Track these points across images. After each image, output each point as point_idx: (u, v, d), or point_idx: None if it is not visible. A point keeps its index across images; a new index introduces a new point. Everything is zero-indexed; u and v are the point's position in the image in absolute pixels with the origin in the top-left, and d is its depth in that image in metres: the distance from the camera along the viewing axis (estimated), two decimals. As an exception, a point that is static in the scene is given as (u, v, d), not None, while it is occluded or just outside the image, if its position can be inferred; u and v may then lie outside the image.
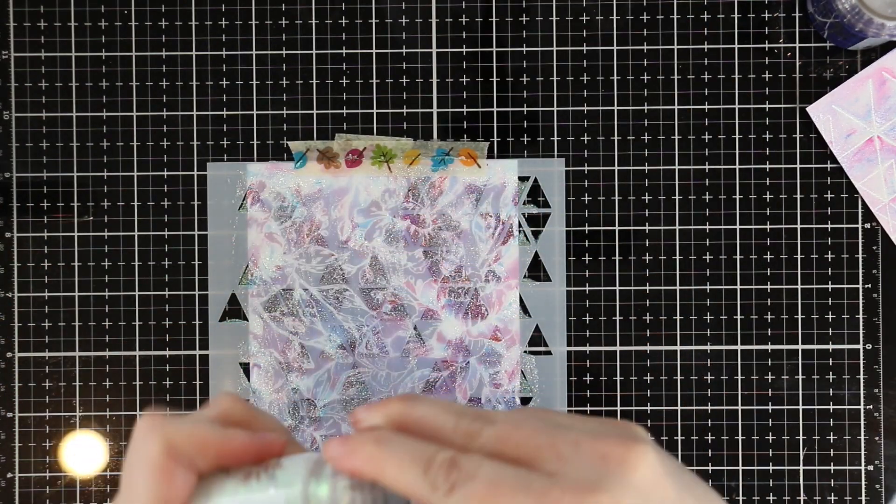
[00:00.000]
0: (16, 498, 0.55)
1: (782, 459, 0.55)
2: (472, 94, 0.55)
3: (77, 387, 0.56)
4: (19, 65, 0.56)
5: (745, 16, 0.55)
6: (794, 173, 0.55)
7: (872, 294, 0.55)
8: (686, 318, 0.55)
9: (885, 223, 0.55)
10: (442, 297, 0.55)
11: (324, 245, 0.55)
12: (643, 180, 0.55)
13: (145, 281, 0.56)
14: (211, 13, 0.55)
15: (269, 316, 0.55)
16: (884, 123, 0.54)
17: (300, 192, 0.55)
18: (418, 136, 0.55)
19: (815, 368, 0.55)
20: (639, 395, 0.55)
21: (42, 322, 0.56)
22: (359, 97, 0.55)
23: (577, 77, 0.55)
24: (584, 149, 0.55)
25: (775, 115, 0.55)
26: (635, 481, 0.24)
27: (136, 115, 0.56)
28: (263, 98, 0.55)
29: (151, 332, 0.56)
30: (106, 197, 0.56)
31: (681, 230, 0.55)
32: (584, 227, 0.55)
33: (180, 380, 0.55)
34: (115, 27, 0.56)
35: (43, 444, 0.55)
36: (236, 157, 0.55)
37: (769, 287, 0.55)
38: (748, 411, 0.55)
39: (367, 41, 0.55)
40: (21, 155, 0.56)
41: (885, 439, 0.55)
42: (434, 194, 0.55)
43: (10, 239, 0.56)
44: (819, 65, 0.55)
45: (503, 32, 0.55)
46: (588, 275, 0.55)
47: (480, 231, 0.55)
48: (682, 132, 0.55)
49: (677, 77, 0.55)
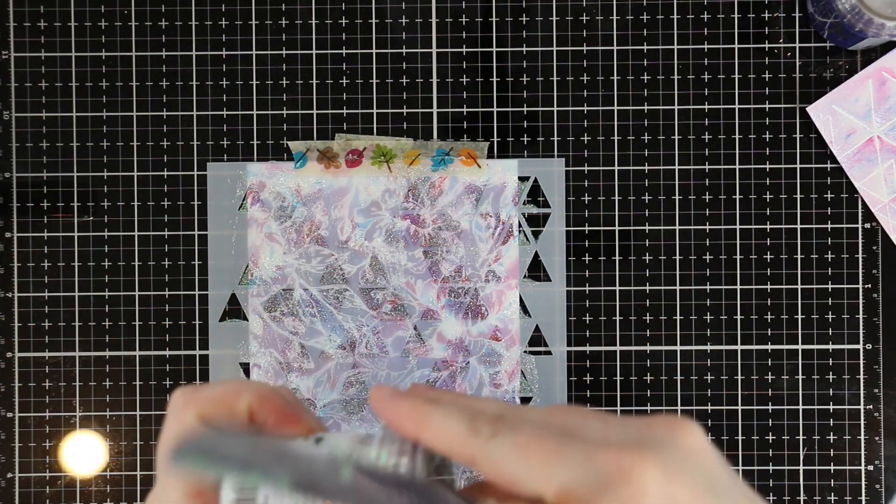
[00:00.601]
0: (16, 498, 0.55)
1: (782, 459, 0.55)
2: (472, 94, 0.55)
3: (77, 387, 0.56)
4: (19, 65, 0.56)
5: (745, 16, 0.55)
6: (794, 173, 0.55)
7: (872, 294, 0.55)
8: (686, 318, 0.55)
9: (885, 223, 0.55)
10: (442, 297, 0.55)
11: (324, 245, 0.55)
12: (643, 180, 0.55)
13: (145, 281, 0.56)
14: (211, 13, 0.55)
15: (269, 316, 0.55)
16: (884, 123, 0.54)
17: (300, 192, 0.55)
18: (418, 136, 0.55)
19: (815, 368, 0.55)
20: (639, 395, 0.55)
21: (42, 322, 0.56)
22: (359, 97, 0.55)
23: (577, 77, 0.55)
24: (584, 149, 0.55)
25: (775, 115, 0.55)
26: (683, 446, 0.23)
27: (136, 115, 0.56)
28: (263, 98, 0.55)
29: (151, 332, 0.56)
30: (106, 197, 0.56)
31: (681, 230, 0.55)
32: (584, 227, 0.55)
33: (180, 380, 0.55)
34: (115, 27, 0.56)
35: (43, 444, 0.55)
36: (236, 157, 0.55)
37: (769, 287, 0.55)
38: (748, 411, 0.55)
39: (367, 41, 0.55)
40: (21, 155, 0.56)
41: (885, 439, 0.55)
42: (434, 194, 0.55)
43: (10, 239, 0.56)
44: (819, 65, 0.55)
45: (503, 32, 0.55)
46: (588, 275, 0.55)
47: (480, 231, 0.55)
48: (682, 132, 0.55)
49: (677, 77, 0.55)
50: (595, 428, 0.24)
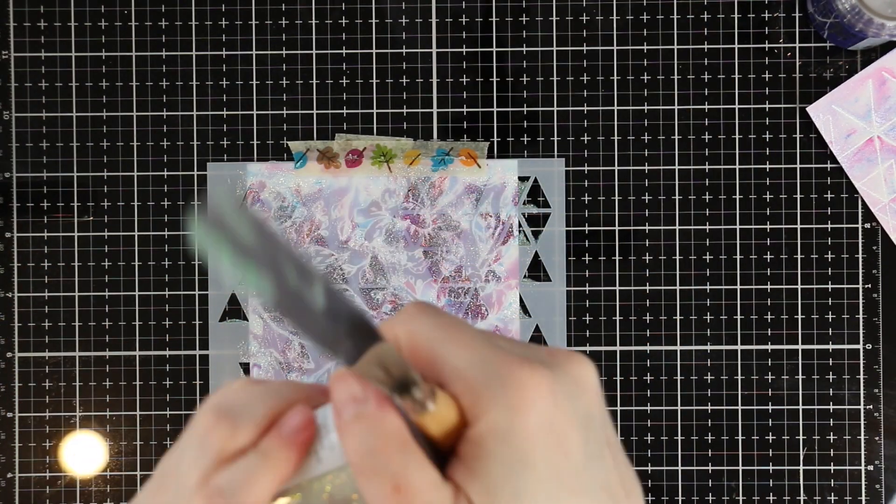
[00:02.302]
0: (16, 498, 0.55)
1: (782, 459, 0.55)
2: (472, 94, 0.55)
3: (77, 387, 0.56)
4: (19, 65, 0.56)
5: (745, 16, 0.55)
6: (794, 173, 0.55)
7: (872, 294, 0.55)
8: (686, 318, 0.55)
9: (885, 223, 0.55)
10: (442, 297, 0.55)
11: (324, 245, 0.55)
12: (643, 180, 0.55)
13: (145, 281, 0.56)
14: (211, 13, 0.55)
15: (269, 316, 0.55)
16: (884, 123, 0.54)
17: (300, 192, 0.55)
18: (418, 136, 0.55)
19: (815, 368, 0.55)
20: (639, 395, 0.55)
21: (42, 322, 0.56)
22: (359, 97, 0.55)
23: (577, 77, 0.55)
24: (584, 149, 0.55)
25: (775, 115, 0.55)
26: (577, 378, 0.25)
27: (136, 115, 0.56)
28: (263, 98, 0.55)
29: (151, 332, 0.56)
30: (106, 197, 0.56)
31: (681, 230, 0.55)
32: (584, 227, 0.55)
33: (180, 380, 0.55)
34: (115, 27, 0.56)
35: (43, 444, 0.55)
36: (236, 157, 0.55)
37: (769, 287, 0.55)
38: (748, 411, 0.55)
39: (367, 41, 0.55)
40: (21, 155, 0.56)
41: (885, 439, 0.55)
42: (434, 194, 0.55)
43: (10, 239, 0.56)
44: (819, 65, 0.55)
45: (503, 32, 0.55)
46: (588, 275, 0.55)
47: (480, 231, 0.55)
48: (682, 132, 0.55)
49: (677, 77, 0.55)
50: (511, 343, 0.26)
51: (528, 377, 0.24)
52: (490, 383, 0.24)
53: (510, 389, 0.24)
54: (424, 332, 0.26)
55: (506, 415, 0.24)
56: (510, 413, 0.24)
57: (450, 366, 0.25)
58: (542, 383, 0.24)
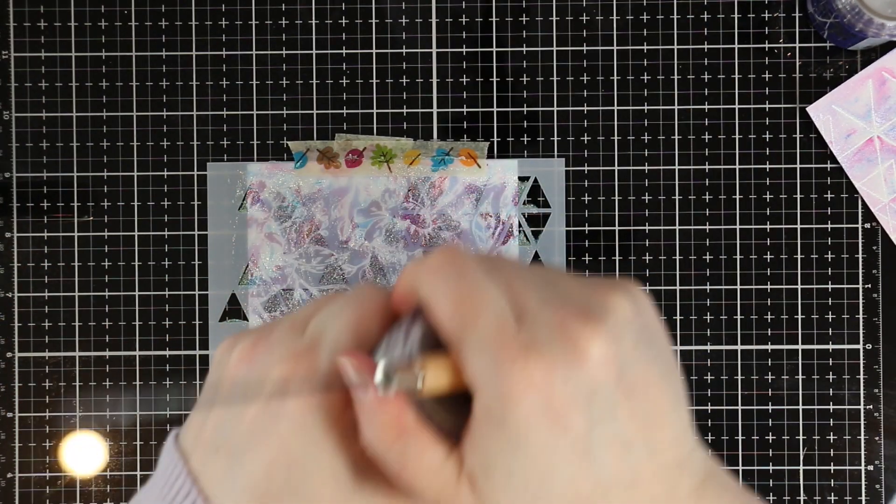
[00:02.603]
0: (16, 498, 0.55)
1: (782, 459, 0.55)
2: (472, 94, 0.55)
3: (77, 387, 0.56)
4: (19, 65, 0.56)
5: (745, 16, 0.55)
6: (794, 173, 0.55)
7: (872, 294, 0.55)
8: (686, 318, 0.55)
9: (885, 223, 0.55)
10: (442, 297, 0.55)
11: (324, 245, 0.55)
12: (643, 180, 0.55)
13: (145, 281, 0.56)
14: (211, 13, 0.55)
15: (270, 316, 0.55)
16: (884, 123, 0.54)
17: (300, 192, 0.55)
18: (418, 136, 0.55)
19: (815, 368, 0.55)
20: (639, 395, 0.55)
21: (42, 322, 0.56)
22: (359, 97, 0.55)
23: (577, 77, 0.55)
24: (584, 149, 0.55)
25: (775, 115, 0.55)
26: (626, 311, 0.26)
27: (136, 115, 0.56)
28: (263, 98, 0.55)
29: (151, 332, 0.56)
30: (106, 197, 0.56)
31: (681, 230, 0.55)
32: (584, 227, 0.55)
33: (180, 380, 0.55)
34: (115, 27, 0.56)
35: (43, 444, 0.55)
36: (236, 157, 0.55)
37: (769, 287, 0.55)
38: (748, 411, 0.55)
39: (367, 41, 0.55)
40: (21, 155, 0.56)
41: (885, 439, 0.55)
42: (434, 194, 0.55)
43: (10, 239, 0.56)
44: (819, 65, 0.55)
45: (503, 32, 0.55)
46: (588, 275, 0.55)
47: (480, 231, 0.55)
48: (682, 132, 0.55)
49: (677, 77, 0.55)
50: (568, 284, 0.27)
51: (520, 369, 0.24)
52: (484, 370, 0.24)
53: (501, 378, 0.24)
54: (438, 304, 0.26)
55: (497, 402, 0.24)
56: (500, 402, 0.24)
57: (454, 338, 0.25)
58: (535, 374, 0.24)
